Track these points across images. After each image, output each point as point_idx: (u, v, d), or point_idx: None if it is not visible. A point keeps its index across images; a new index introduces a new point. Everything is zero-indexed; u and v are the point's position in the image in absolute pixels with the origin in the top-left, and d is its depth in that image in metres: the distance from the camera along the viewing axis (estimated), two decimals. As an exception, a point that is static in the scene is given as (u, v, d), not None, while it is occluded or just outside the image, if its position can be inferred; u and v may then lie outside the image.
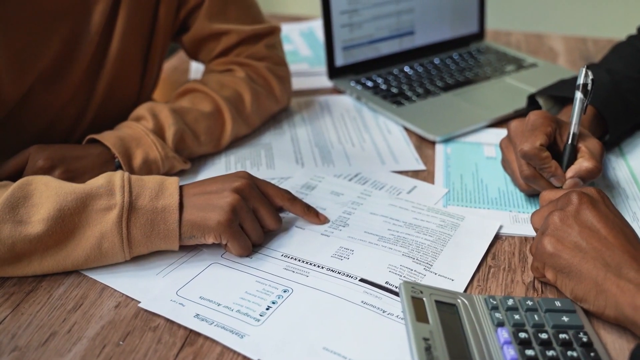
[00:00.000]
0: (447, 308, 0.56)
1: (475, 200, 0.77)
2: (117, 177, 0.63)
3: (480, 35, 1.22)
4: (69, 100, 0.83)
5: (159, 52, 0.91)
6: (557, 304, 0.58)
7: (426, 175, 0.82)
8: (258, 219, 0.67)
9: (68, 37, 0.79)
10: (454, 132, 0.91)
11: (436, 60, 1.14)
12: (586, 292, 0.57)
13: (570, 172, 0.71)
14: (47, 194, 0.61)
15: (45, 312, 0.59)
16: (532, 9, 2.10)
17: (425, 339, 0.51)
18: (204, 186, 0.66)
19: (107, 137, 0.77)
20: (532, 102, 0.92)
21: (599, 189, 0.63)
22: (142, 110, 0.82)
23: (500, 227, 0.71)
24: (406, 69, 1.11)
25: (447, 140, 0.90)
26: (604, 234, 0.57)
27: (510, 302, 0.58)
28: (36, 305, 0.59)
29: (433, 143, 0.90)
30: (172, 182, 0.65)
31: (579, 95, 0.72)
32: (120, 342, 0.55)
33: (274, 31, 0.95)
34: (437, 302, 0.56)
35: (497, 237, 0.70)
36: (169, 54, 1.22)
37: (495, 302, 0.58)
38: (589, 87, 0.72)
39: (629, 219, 0.72)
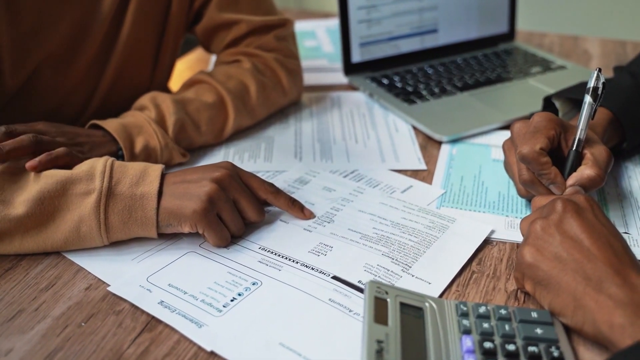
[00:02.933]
0: (413, 311, 0.54)
1: (472, 203, 0.74)
2: (100, 163, 0.64)
3: (510, 35, 1.18)
4: (77, 85, 0.85)
5: (172, 43, 0.92)
6: (534, 315, 0.54)
7: (425, 175, 0.80)
8: (239, 211, 0.66)
9: (77, 21, 0.80)
10: (463, 132, 0.88)
11: (459, 60, 1.11)
12: (564, 306, 0.53)
13: (570, 180, 0.67)
14: (32, 176, 0.63)
15: (19, 289, 0.60)
16: (572, 11, 2.01)
17: (379, 341, 0.49)
18: (185, 175, 0.66)
19: (110, 124, 0.78)
20: (549, 105, 0.88)
21: (590, 196, 0.59)
22: (144, 100, 0.83)
23: (493, 231, 0.68)
24: (426, 67, 1.08)
25: (455, 141, 0.88)
26: (587, 245, 0.53)
27: (482, 309, 0.55)
28: (12, 282, 0.61)
29: (440, 143, 0.87)
30: (155, 170, 0.65)
31: (588, 99, 0.68)
32: (82, 324, 0.55)
33: (286, 23, 0.95)
34: (402, 304, 0.54)
35: (488, 242, 0.67)
36: (193, 46, 1.24)
37: (465, 309, 0.55)
38: (600, 92, 0.68)
39: (635, 230, 0.68)
